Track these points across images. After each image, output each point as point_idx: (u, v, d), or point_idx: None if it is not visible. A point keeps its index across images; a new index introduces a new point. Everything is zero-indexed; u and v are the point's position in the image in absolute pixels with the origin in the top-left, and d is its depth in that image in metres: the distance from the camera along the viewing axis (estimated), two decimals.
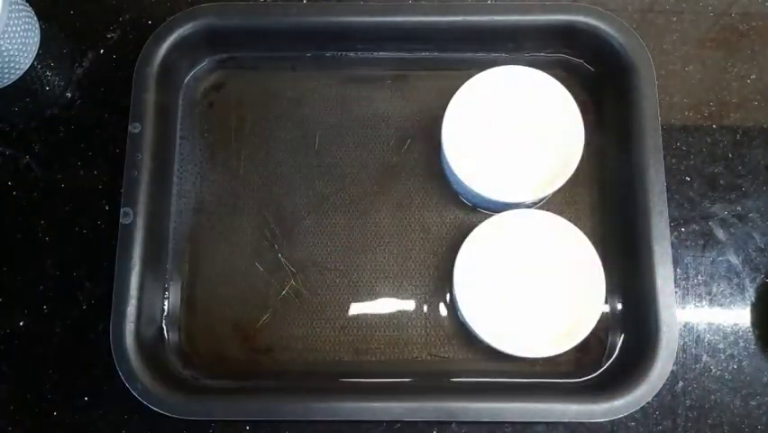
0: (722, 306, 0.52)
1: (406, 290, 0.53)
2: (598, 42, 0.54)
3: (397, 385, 0.51)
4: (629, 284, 0.52)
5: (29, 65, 0.56)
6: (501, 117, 0.53)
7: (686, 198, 0.54)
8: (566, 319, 0.50)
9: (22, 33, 0.54)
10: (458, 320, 0.52)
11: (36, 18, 0.57)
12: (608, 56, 0.54)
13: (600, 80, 0.56)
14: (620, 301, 0.52)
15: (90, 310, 0.52)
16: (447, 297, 0.52)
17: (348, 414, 0.48)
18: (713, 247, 0.53)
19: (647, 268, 0.50)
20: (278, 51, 0.57)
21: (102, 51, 0.57)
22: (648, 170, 0.51)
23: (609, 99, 0.55)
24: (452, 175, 0.52)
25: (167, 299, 0.53)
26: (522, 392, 0.50)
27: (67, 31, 0.57)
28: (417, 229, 0.54)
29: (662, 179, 0.51)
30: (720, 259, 0.53)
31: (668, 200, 0.51)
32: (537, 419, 0.49)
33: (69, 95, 0.56)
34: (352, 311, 0.52)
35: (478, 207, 0.54)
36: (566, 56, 0.57)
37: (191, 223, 0.54)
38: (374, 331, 0.52)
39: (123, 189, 0.51)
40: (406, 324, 0.52)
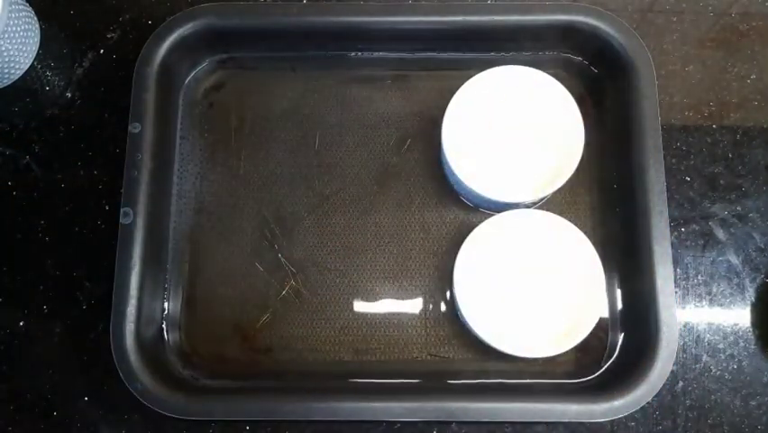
0: (722, 306, 0.52)
1: (406, 290, 0.53)
2: (598, 42, 0.54)
3: (397, 385, 0.51)
4: (629, 284, 0.52)
5: (29, 65, 0.56)
6: (501, 117, 0.53)
7: (686, 198, 0.54)
8: (566, 319, 0.50)
9: (22, 33, 0.54)
10: (458, 320, 0.52)
11: (36, 18, 0.57)
12: (608, 56, 0.54)
13: (600, 80, 0.56)
14: (620, 301, 0.52)
15: (90, 310, 0.52)
16: (447, 297, 0.52)
17: (348, 414, 0.48)
18: (713, 247, 0.53)
19: (647, 268, 0.50)
20: (278, 51, 0.57)
21: (102, 51, 0.57)
22: (648, 170, 0.51)
23: (609, 99, 0.55)
24: (452, 175, 0.52)
25: (167, 299, 0.53)
26: (522, 392, 0.50)
27: (67, 31, 0.57)
28: (417, 229, 0.54)
29: (662, 179, 0.51)
30: (720, 259, 0.53)
31: (668, 200, 0.51)
32: (537, 419, 0.49)
33: (69, 95, 0.56)
34: (352, 311, 0.52)
35: (478, 207, 0.54)
36: (566, 56, 0.57)
37: (191, 223, 0.54)
38: (374, 331, 0.52)
39: (123, 189, 0.51)
40: (406, 324, 0.52)
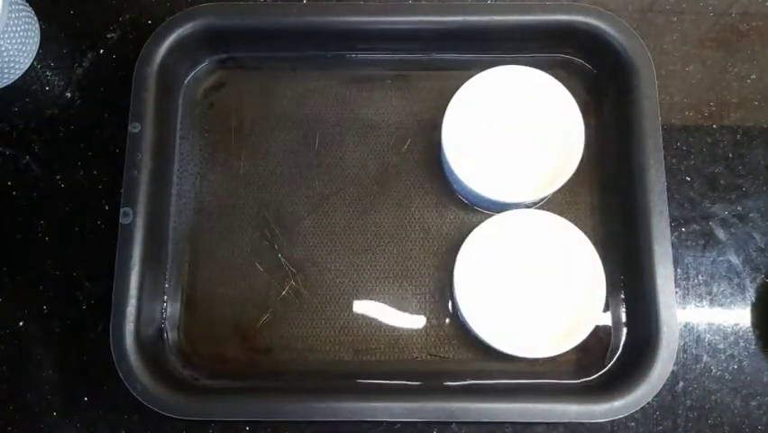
0: (722, 306, 0.52)
1: (406, 290, 0.53)
2: (599, 42, 0.54)
3: (397, 385, 0.51)
4: (629, 284, 0.52)
5: (29, 65, 0.56)
6: (501, 117, 0.53)
7: (686, 197, 0.54)
8: (566, 319, 0.50)
9: (22, 33, 0.54)
10: (458, 320, 0.52)
11: (36, 18, 0.57)
12: (608, 56, 0.54)
13: (601, 80, 0.56)
14: (620, 301, 0.52)
15: (90, 310, 0.52)
16: (447, 297, 0.52)
17: (348, 414, 0.48)
18: (713, 247, 0.53)
19: (647, 268, 0.50)
20: (278, 51, 0.57)
21: (102, 51, 0.57)
22: (648, 170, 0.51)
23: (610, 99, 0.55)
24: (452, 175, 0.52)
25: (167, 299, 0.53)
26: (522, 393, 0.50)
27: (67, 31, 0.57)
28: (417, 229, 0.54)
29: (662, 179, 0.51)
30: (721, 259, 0.53)
31: (668, 200, 0.51)
32: (537, 420, 0.49)
33: (69, 95, 0.56)
34: (352, 311, 0.52)
35: (478, 207, 0.54)
36: (566, 56, 0.57)
37: (191, 223, 0.54)
38: (374, 331, 0.52)
39: (123, 189, 0.51)
40: (406, 324, 0.52)
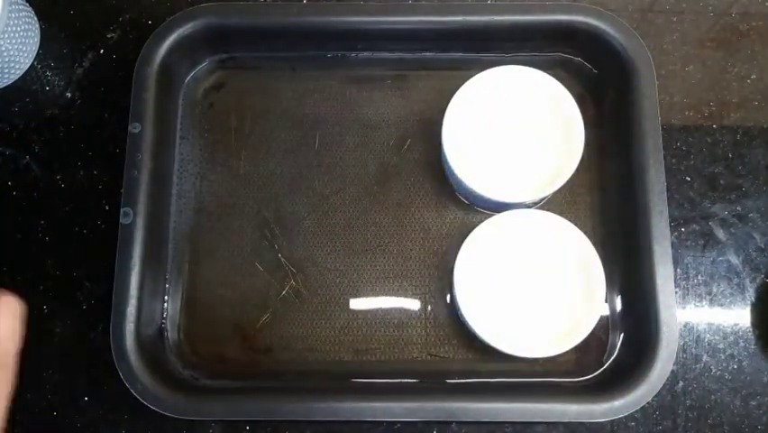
0: (722, 306, 0.52)
1: (406, 290, 0.53)
2: (599, 42, 0.54)
3: (397, 385, 0.51)
4: (629, 284, 0.52)
5: (29, 65, 0.56)
6: (501, 117, 0.53)
7: (686, 197, 0.54)
8: (566, 319, 0.50)
9: (22, 33, 0.54)
10: (458, 320, 0.52)
11: (36, 18, 0.57)
12: (608, 56, 0.54)
13: (600, 80, 0.56)
14: (620, 301, 0.52)
15: (90, 310, 0.52)
16: (447, 297, 0.52)
17: (348, 414, 0.48)
18: (713, 247, 0.53)
19: (647, 268, 0.50)
20: (278, 51, 0.57)
21: (102, 51, 0.57)
22: (648, 170, 0.51)
23: (609, 99, 0.55)
24: (452, 175, 0.52)
25: (167, 299, 0.53)
26: (522, 392, 0.50)
27: (67, 31, 0.57)
28: (417, 229, 0.54)
29: (662, 179, 0.51)
30: (720, 259, 0.53)
31: (668, 200, 0.51)
32: (537, 420, 0.49)
33: (69, 95, 0.56)
34: (352, 311, 0.52)
35: (478, 207, 0.54)
36: (566, 56, 0.57)
37: (191, 223, 0.54)
38: (374, 331, 0.52)
39: (123, 189, 0.51)
40: (406, 324, 0.52)
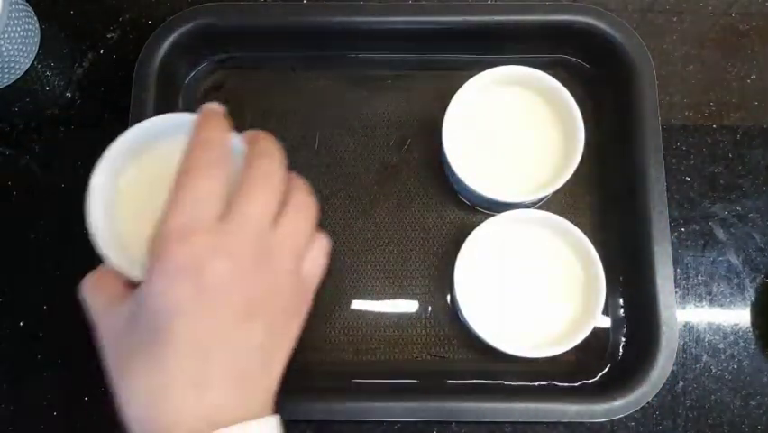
0: (722, 306, 0.52)
1: (406, 290, 0.53)
2: (599, 42, 0.54)
3: (397, 385, 0.51)
4: (629, 284, 0.52)
5: (29, 65, 0.56)
6: (501, 117, 0.53)
7: (686, 197, 0.54)
8: (566, 319, 0.50)
9: (22, 33, 0.54)
10: (458, 320, 0.52)
11: (36, 18, 0.57)
12: (608, 56, 0.54)
13: (600, 80, 0.56)
14: (620, 301, 0.52)
15: None
16: (447, 297, 0.52)
17: (348, 414, 0.48)
18: (713, 247, 0.53)
19: (647, 268, 0.50)
20: (278, 51, 0.57)
21: (102, 51, 0.57)
22: (648, 170, 0.51)
23: (609, 99, 0.55)
24: (452, 175, 0.52)
25: None
26: (522, 392, 0.50)
27: (67, 31, 0.57)
28: (417, 229, 0.54)
29: (662, 179, 0.51)
30: (720, 259, 0.53)
31: (668, 200, 0.51)
32: (537, 420, 0.49)
33: (69, 95, 0.56)
34: (352, 311, 0.52)
35: (478, 207, 0.54)
36: (566, 56, 0.57)
37: None
38: (374, 331, 0.52)
39: None
40: (406, 324, 0.52)
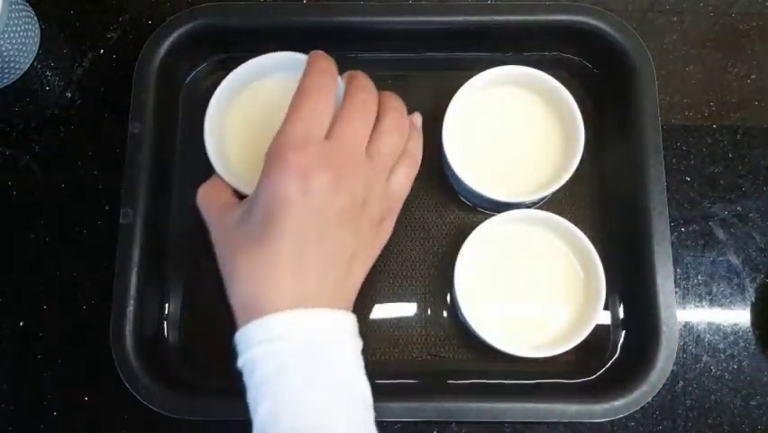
0: (722, 306, 0.52)
1: (406, 290, 0.53)
2: (599, 42, 0.54)
3: (397, 385, 0.51)
4: (629, 284, 0.52)
5: (29, 65, 0.56)
6: (501, 117, 0.53)
7: (686, 197, 0.54)
8: (566, 319, 0.50)
9: (22, 33, 0.54)
10: (458, 320, 0.52)
11: (36, 18, 0.57)
12: (608, 56, 0.54)
13: (601, 80, 0.56)
14: (620, 301, 0.52)
15: (90, 310, 0.52)
16: (447, 297, 0.52)
17: None
18: (713, 247, 0.53)
19: (647, 268, 0.50)
20: (277, 51, 0.57)
21: (102, 51, 0.57)
22: (648, 170, 0.51)
23: (609, 99, 0.55)
24: (452, 175, 0.52)
25: (167, 300, 0.53)
26: (522, 392, 0.50)
27: (67, 31, 0.57)
28: (417, 229, 0.54)
29: (662, 179, 0.51)
30: (720, 259, 0.53)
31: (668, 200, 0.51)
32: (537, 420, 0.49)
33: (69, 95, 0.56)
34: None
35: (478, 207, 0.54)
36: (567, 56, 0.57)
37: (191, 223, 0.54)
38: (374, 331, 0.52)
39: (123, 189, 0.51)
40: (406, 324, 0.52)
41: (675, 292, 0.49)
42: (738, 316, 0.52)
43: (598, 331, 0.50)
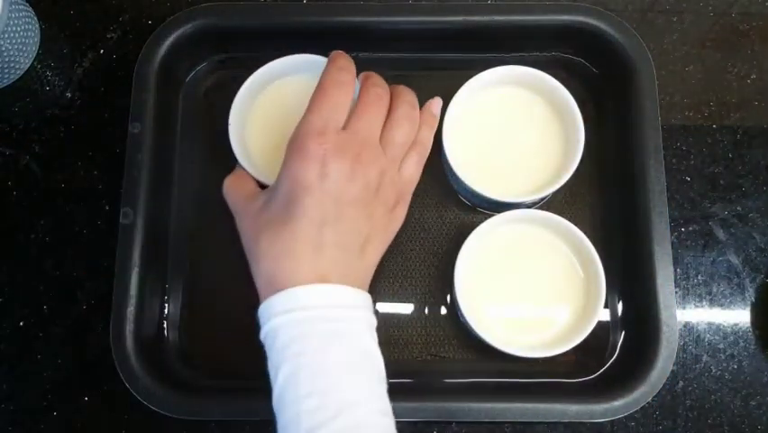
0: (722, 306, 0.52)
1: (406, 290, 0.53)
2: (599, 42, 0.54)
3: (397, 385, 0.51)
4: (629, 284, 0.52)
5: (29, 65, 0.56)
6: (501, 117, 0.53)
7: (686, 198, 0.54)
8: (566, 319, 0.50)
9: (22, 33, 0.54)
10: (458, 320, 0.52)
11: (36, 18, 0.57)
12: (608, 56, 0.54)
13: (601, 80, 0.56)
14: (620, 301, 0.52)
15: (90, 310, 0.52)
16: (447, 297, 0.52)
17: None
18: (713, 247, 0.53)
19: (647, 268, 0.50)
20: (278, 51, 0.57)
21: (102, 51, 0.57)
22: (648, 170, 0.51)
23: (610, 99, 0.55)
24: (452, 175, 0.52)
25: (167, 300, 0.53)
26: (522, 392, 0.50)
27: (67, 31, 0.57)
28: (417, 229, 0.54)
29: (662, 179, 0.51)
30: (720, 259, 0.53)
31: (668, 200, 0.51)
32: (537, 420, 0.49)
33: (69, 95, 0.56)
34: None
35: (478, 207, 0.54)
36: (566, 56, 0.57)
37: (191, 223, 0.54)
38: None
39: (123, 189, 0.51)
40: (406, 324, 0.52)
41: (675, 292, 0.49)
42: (738, 316, 0.52)
43: (598, 331, 0.50)
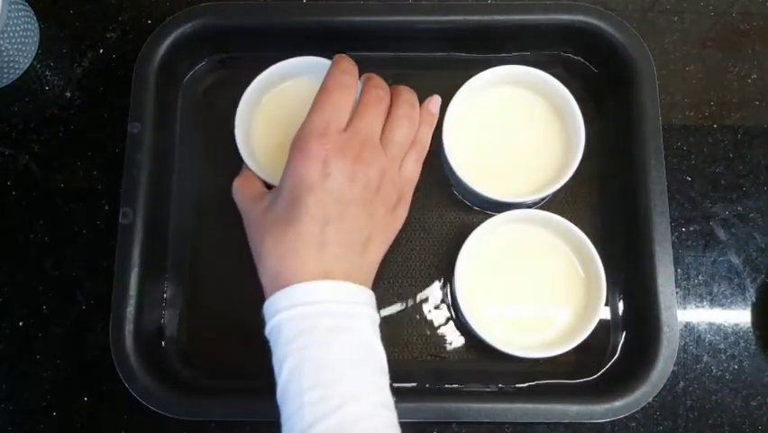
0: (723, 306, 0.52)
1: (406, 290, 0.53)
2: (599, 42, 0.54)
3: (397, 385, 0.51)
4: (630, 284, 0.52)
5: (28, 65, 0.56)
6: (501, 117, 0.53)
7: (687, 198, 0.54)
8: (567, 319, 0.50)
9: (21, 33, 0.54)
10: (458, 320, 0.51)
11: (36, 18, 0.57)
12: (608, 56, 0.54)
13: (601, 80, 0.56)
14: (621, 301, 0.52)
15: (90, 310, 0.52)
16: (447, 297, 0.52)
17: None
18: (714, 247, 0.53)
19: (648, 268, 0.50)
20: (278, 51, 0.57)
21: (102, 51, 0.57)
22: (649, 170, 0.51)
23: (610, 99, 0.55)
24: (452, 175, 0.51)
25: (167, 299, 0.53)
26: (522, 393, 0.50)
27: (66, 30, 0.57)
28: (417, 229, 0.54)
29: (663, 179, 0.51)
30: (721, 259, 0.53)
31: (669, 200, 0.51)
32: (537, 420, 0.49)
33: (69, 95, 0.56)
34: None
35: (478, 207, 0.54)
36: (566, 56, 0.57)
37: (191, 223, 0.54)
38: None
39: (123, 189, 0.51)
40: (406, 324, 0.52)
41: (676, 292, 0.49)
42: (739, 316, 0.52)
43: (599, 331, 0.50)
